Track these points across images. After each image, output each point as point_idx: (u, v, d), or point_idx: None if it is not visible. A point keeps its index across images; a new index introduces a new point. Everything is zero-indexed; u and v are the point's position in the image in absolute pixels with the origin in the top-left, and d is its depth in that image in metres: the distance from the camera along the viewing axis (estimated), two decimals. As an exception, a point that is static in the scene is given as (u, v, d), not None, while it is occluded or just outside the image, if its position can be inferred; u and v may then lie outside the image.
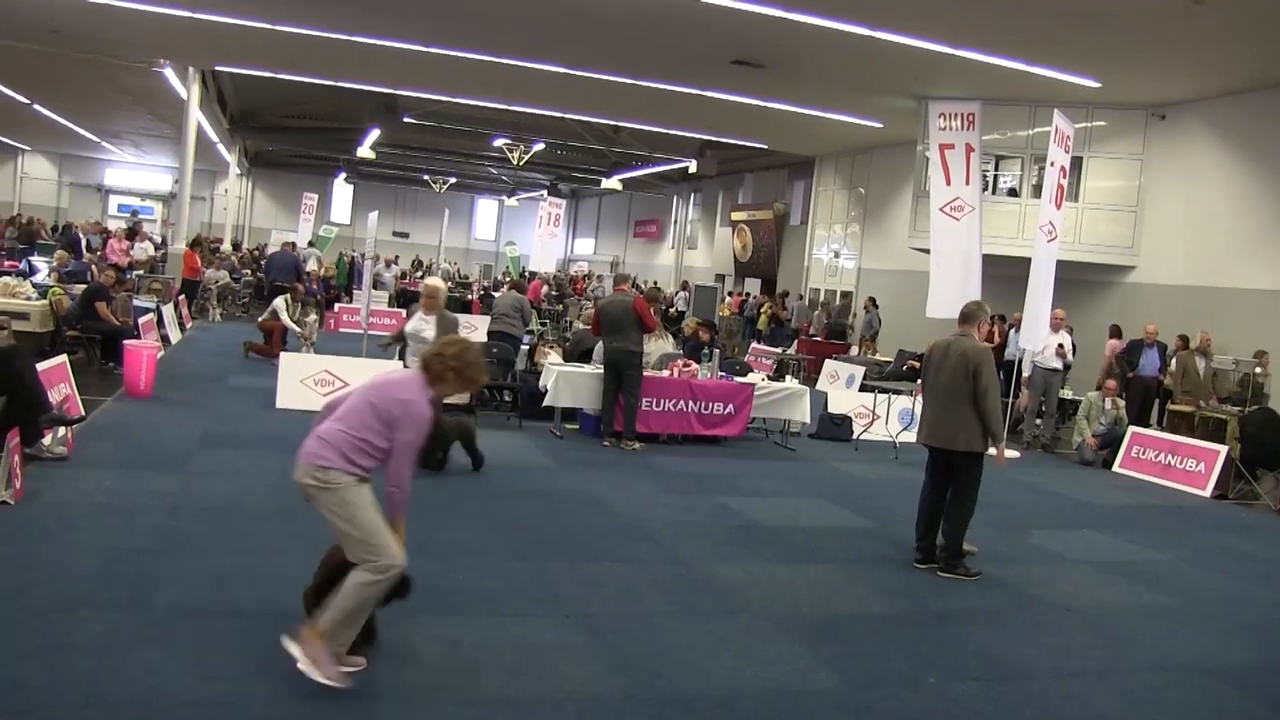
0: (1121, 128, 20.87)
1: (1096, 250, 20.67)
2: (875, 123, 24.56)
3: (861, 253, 29.71)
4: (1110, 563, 9.47)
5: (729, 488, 10.94)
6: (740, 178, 37.87)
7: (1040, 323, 15.58)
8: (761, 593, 7.33)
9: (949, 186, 17.04)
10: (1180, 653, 7.02)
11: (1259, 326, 17.58)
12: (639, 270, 44.00)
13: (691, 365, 13.79)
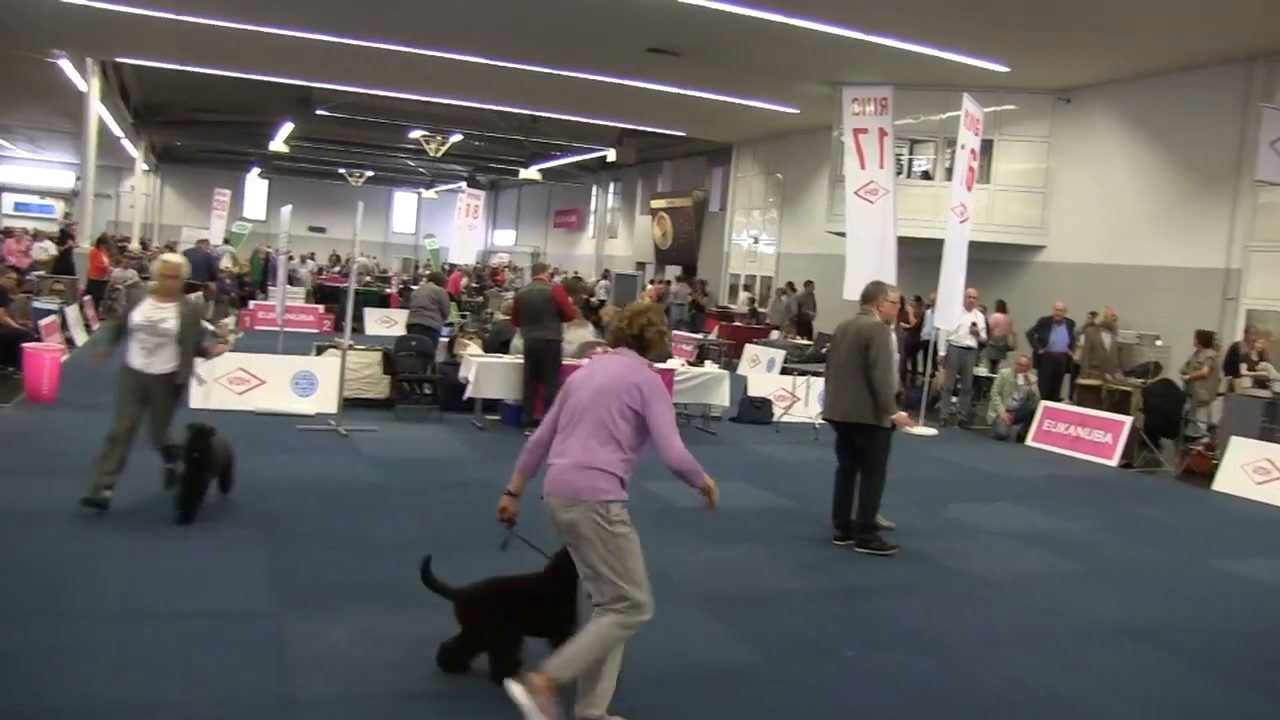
0: (1030, 111, 21.29)
1: (1008, 231, 21.08)
2: (792, 109, 24.76)
3: (780, 238, 29.96)
4: (1025, 533, 9.71)
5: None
6: (659, 166, 37.93)
7: (954, 302, 15.88)
8: (683, 574, 7.38)
9: (863, 170, 17.22)
10: (1093, 616, 7.24)
11: (1163, 302, 18.09)
12: (560, 260, 43.86)
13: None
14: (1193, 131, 18.38)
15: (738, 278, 31.79)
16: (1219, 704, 5.87)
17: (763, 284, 30.58)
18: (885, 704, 5.42)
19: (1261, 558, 9.58)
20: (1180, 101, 18.62)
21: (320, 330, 23.35)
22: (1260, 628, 7.41)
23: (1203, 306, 17.60)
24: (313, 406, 12.97)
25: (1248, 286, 17.57)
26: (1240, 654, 6.77)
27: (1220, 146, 17.77)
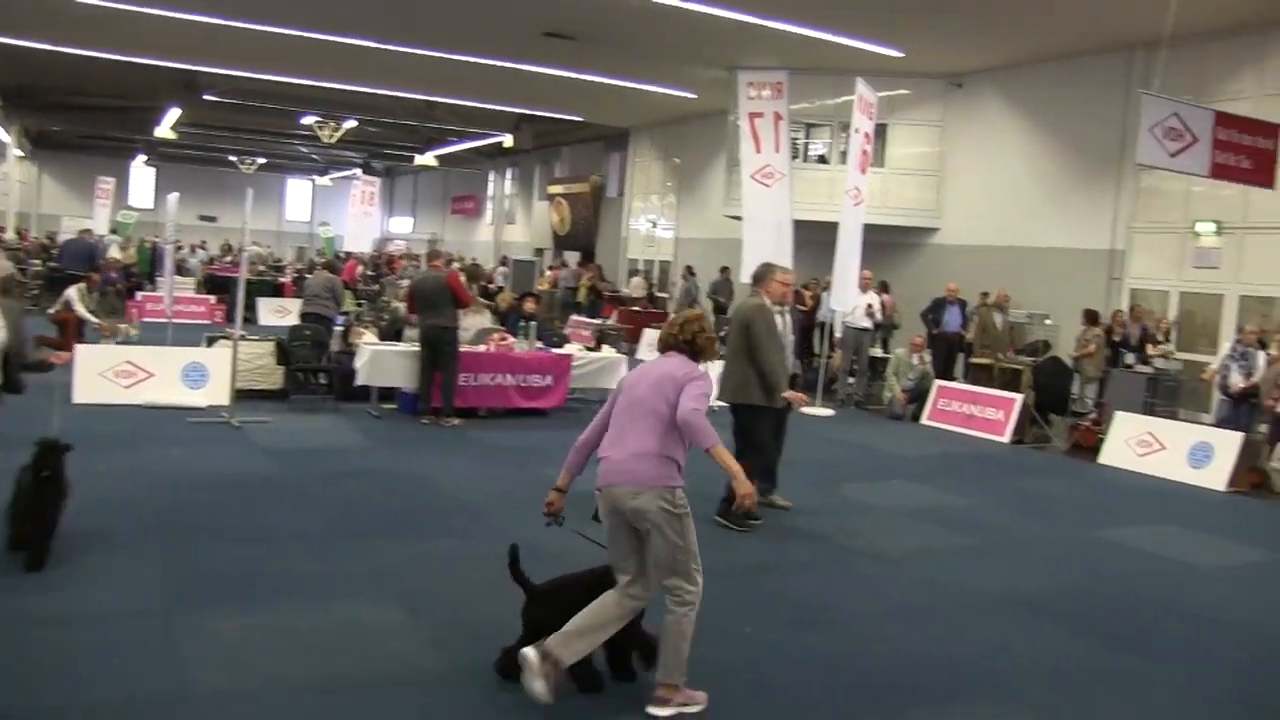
0: (923, 96, 21.63)
1: (902, 214, 21.40)
2: (688, 93, 24.81)
3: (678, 222, 30.05)
4: (919, 509, 9.88)
5: (550, 459, 10.88)
6: (557, 151, 37.78)
7: (849, 284, 16.09)
8: (584, 558, 7.36)
9: (759, 154, 17.35)
10: (983, 587, 7.41)
11: (1051, 282, 18.54)
12: (458, 247, 43.47)
13: (509, 339, 13.76)
14: (1079, 117, 18.85)
15: (636, 263, 31.83)
16: (1095, 665, 6.04)
17: (661, 268, 30.67)
18: (782, 678, 5.48)
19: (1141, 526, 9.90)
20: (1066, 88, 19.07)
21: (211, 321, 22.82)
22: (1137, 593, 7.65)
23: (1089, 286, 18.08)
24: (204, 399, 12.68)
25: (1131, 266, 18.09)
26: (1117, 618, 7.00)
27: (1104, 131, 18.25)
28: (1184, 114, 13.30)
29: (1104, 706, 5.46)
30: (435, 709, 4.85)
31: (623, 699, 5.04)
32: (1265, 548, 9.46)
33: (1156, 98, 13.25)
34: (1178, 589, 7.85)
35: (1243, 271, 16.56)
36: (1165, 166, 13.74)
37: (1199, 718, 5.43)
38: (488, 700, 4.96)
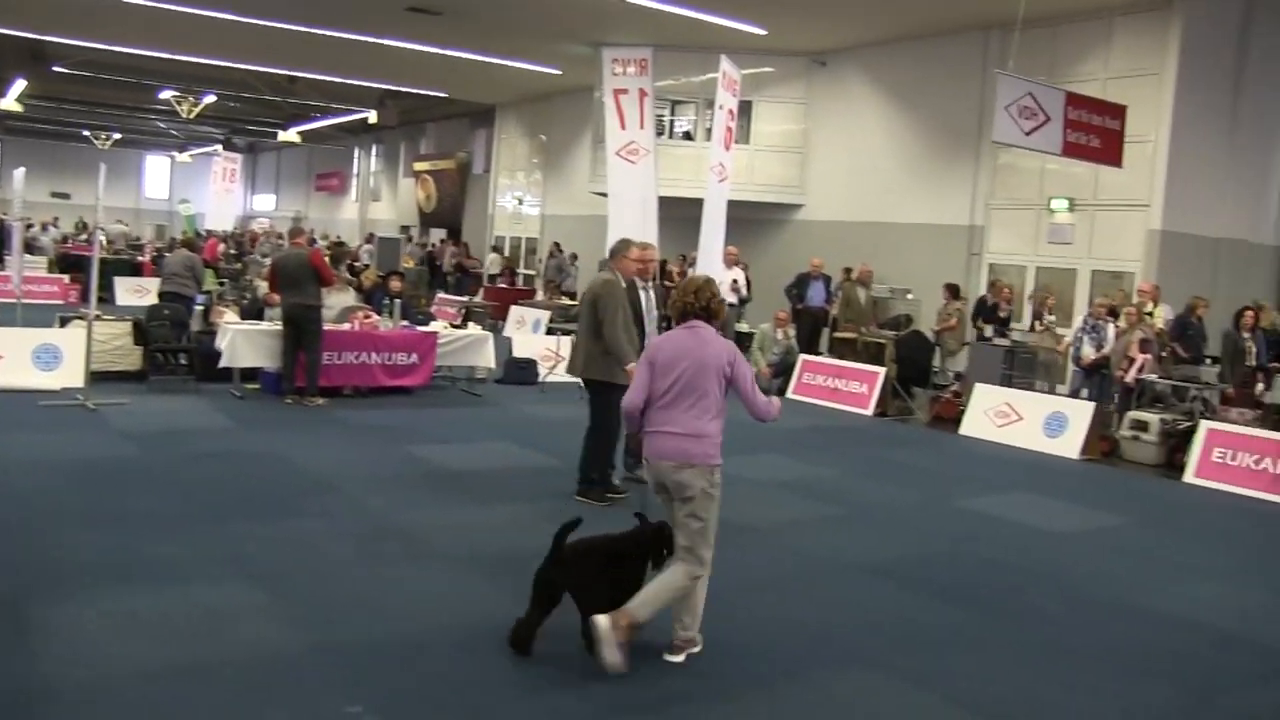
0: (787, 74, 21.82)
1: (767, 190, 21.62)
2: (554, 70, 24.66)
3: (545, 199, 29.90)
4: (785, 481, 9.96)
5: (416, 436, 10.80)
6: (422, 127, 37.28)
7: (714, 260, 16.13)
8: (449, 536, 7.29)
9: (624, 131, 17.26)
10: (847, 556, 7.49)
11: (913, 257, 18.90)
12: (323, 224, 42.62)
13: (373, 317, 13.49)
14: (938, 95, 19.23)
15: (503, 240, 31.59)
16: (953, 628, 6.17)
17: (528, 245, 30.50)
18: (651, 650, 5.44)
19: (998, 494, 10.13)
20: (926, 67, 19.44)
21: (65, 301, 21.93)
22: (994, 558, 7.84)
23: (950, 261, 18.51)
24: (57, 381, 12.13)
25: (990, 242, 18.55)
26: (974, 583, 7.16)
27: (963, 110, 18.66)
28: (1037, 94, 13.64)
29: (960, 666, 5.55)
30: (296, 689, 4.69)
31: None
32: (1114, 512, 9.77)
33: (1012, 77, 13.55)
34: (1032, 553, 8.05)
35: (1094, 247, 17.10)
36: (1020, 144, 14.09)
37: (1049, 673, 5.55)
38: (349, 678, 4.83)
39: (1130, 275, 16.40)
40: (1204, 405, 12.84)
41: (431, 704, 4.65)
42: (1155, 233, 16.23)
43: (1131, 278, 16.28)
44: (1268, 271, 17.85)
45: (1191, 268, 16.34)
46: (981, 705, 5.09)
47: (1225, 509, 10.43)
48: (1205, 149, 16.51)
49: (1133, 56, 16.56)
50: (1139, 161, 15.88)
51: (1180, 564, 8.16)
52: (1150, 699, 5.36)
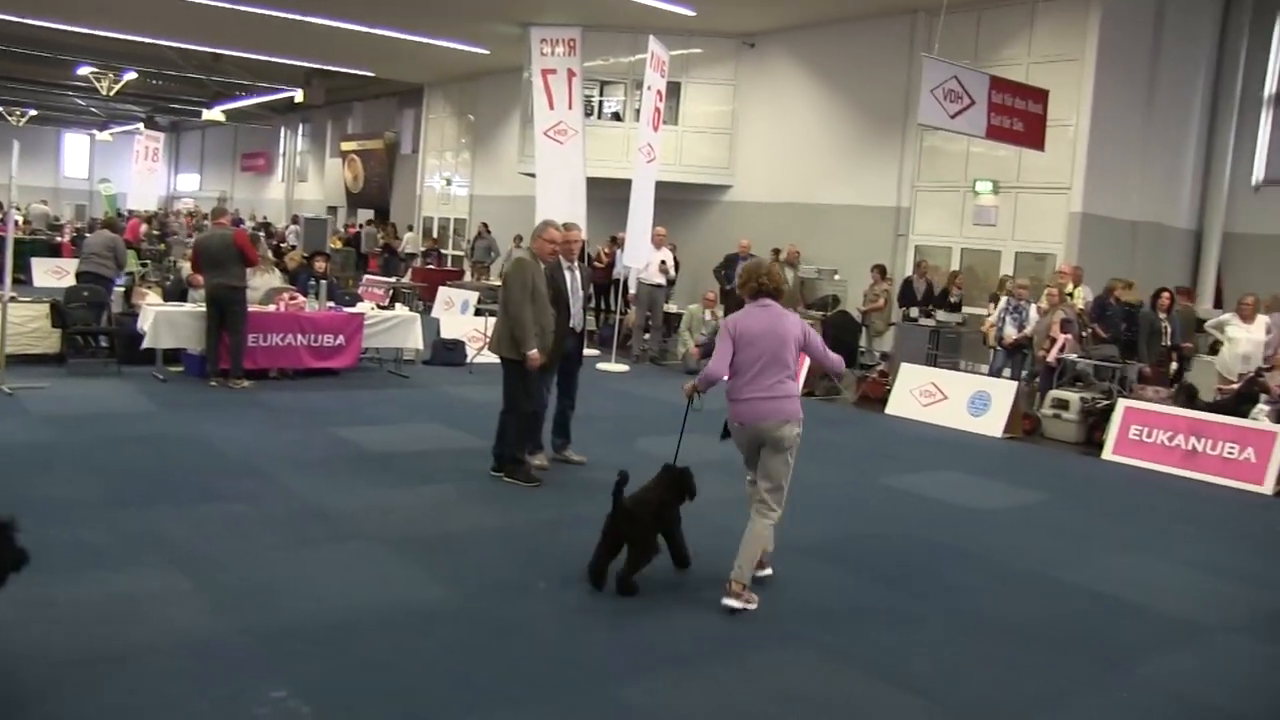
0: (716, 55, 21.84)
1: (696, 171, 21.66)
2: (482, 49, 24.48)
3: (473, 180, 29.72)
4: (712, 461, 9.89)
5: (342, 418, 10.70)
6: (349, 107, 36.82)
7: (642, 241, 16.16)
8: (375, 518, 7.23)
9: (552, 111, 17.21)
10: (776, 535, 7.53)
11: (841, 238, 19.05)
12: (249, 205, 42.04)
13: (299, 298, 13.33)
14: (866, 78, 19.37)
15: (431, 220, 31.36)
16: (877, 604, 6.28)
17: (456, 226, 30.32)
18: (574, 629, 5.46)
19: (923, 473, 10.28)
20: (854, 49, 19.57)
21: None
22: (916, 535, 7.97)
23: (877, 242, 18.68)
24: (-30, 366, 11.85)
25: (916, 223, 18.74)
26: (898, 559, 7.30)
27: (890, 92, 18.82)
28: (963, 77, 13.80)
29: (884, 642, 5.64)
30: (219, 675, 4.62)
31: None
32: (1035, 489, 9.96)
33: (937, 61, 13.69)
34: (955, 530, 8.19)
35: (1018, 229, 17.35)
36: (945, 127, 14.25)
37: (971, 646, 5.65)
38: (273, 663, 4.78)
39: (1053, 257, 16.67)
40: (1122, 383, 13.11)
41: (357, 686, 4.62)
42: (1076, 215, 16.52)
43: (1054, 259, 16.55)
44: (1182, 254, 18.26)
45: (1110, 250, 16.66)
46: (905, 679, 5.17)
47: (1140, 484, 10.67)
48: (1123, 134, 16.85)
49: (1054, 42, 16.81)
50: (1060, 145, 16.14)
51: (1096, 538, 8.35)
52: (1065, 669, 5.47)
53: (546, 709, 4.54)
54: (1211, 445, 11.20)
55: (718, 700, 4.77)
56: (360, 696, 4.52)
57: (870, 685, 5.08)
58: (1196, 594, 7.05)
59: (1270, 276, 16.26)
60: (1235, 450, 11.03)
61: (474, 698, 4.60)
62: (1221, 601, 6.93)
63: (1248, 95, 17.91)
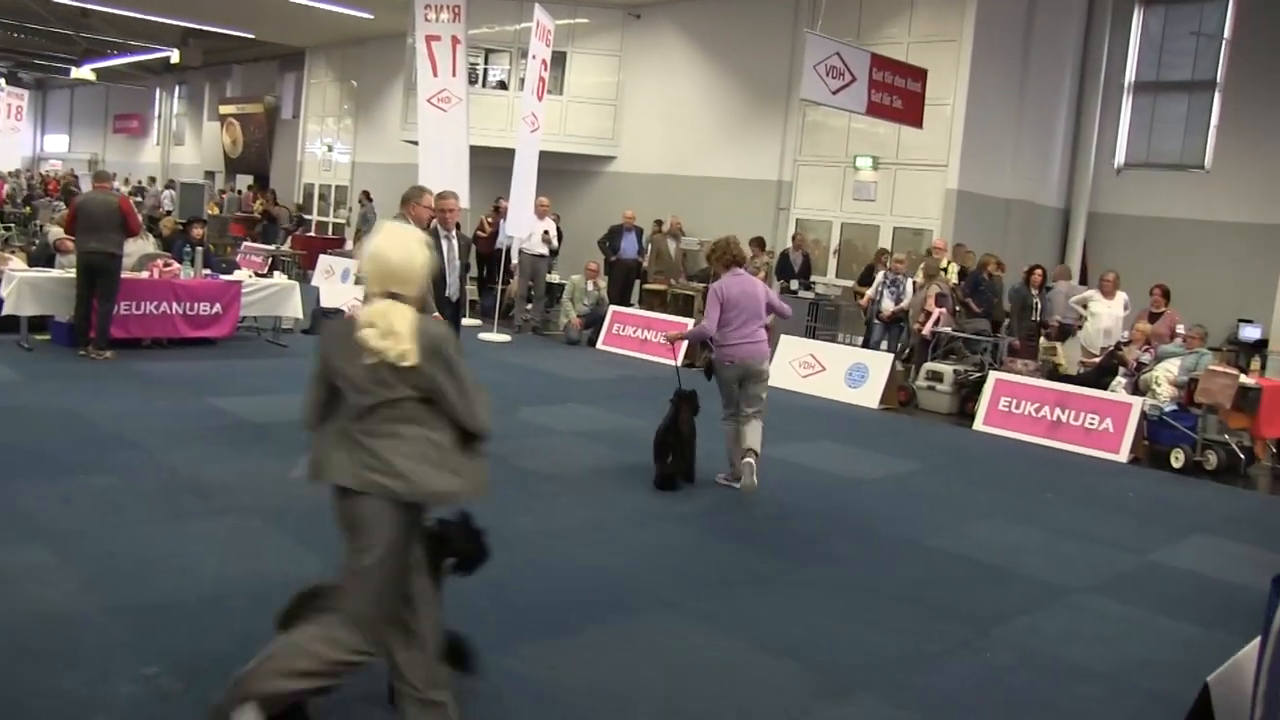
0: (602, 25, 21.80)
1: (581, 141, 21.64)
2: (366, 14, 24.01)
3: (356, 146, 29.26)
4: (592, 431, 10.08)
5: (219, 388, 10.49)
6: (228, 69, 35.88)
7: (525, 211, 16.11)
8: (251, 490, 7.12)
9: (436, 78, 16.98)
10: (651, 504, 7.66)
11: (723, 211, 19.21)
12: (122, 168, 40.63)
13: (173, 265, 12.99)
14: (750, 52, 19.54)
15: (313, 187, 30.82)
16: (752, 571, 6.39)
17: (338, 193, 29.85)
18: (452, 600, 5.43)
19: (801, 443, 10.46)
20: (739, 23, 19.71)
21: None
22: (794, 504, 8.13)
23: (759, 215, 18.89)
24: None
25: (798, 197, 19.00)
26: (774, 528, 7.45)
27: (773, 67, 19.01)
28: (845, 54, 14.00)
29: (761, 609, 5.76)
30: (87, 653, 4.51)
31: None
32: (909, 459, 10.24)
33: (820, 37, 13.86)
34: (832, 499, 8.38)
35: (896, 204, 17.70)
36: (827, 103, 14.47)
37: (846, 612, 5.81)
38: (144, 639, 4.70)
39: (930, 232, 17.05)
40: (993, 356, 13.50)
41: (231, 661, 4.50)
42: (952, 192, 16.91)
43: (931, 235, 16.94)
44: (1052, 232, 18.84)
45: (984, 226, 17.11)
46: (781, 646, 5.29)
47: (1008, 454, 11.04)
48: (997, 114, 17.28)
49: (933, 22, 17.13)
50: (938, 123, 16.49)
51: (966, 506, 8.62)
52: (935, 632, 5.67)
53: (423, 679, 4.54)
54: (1075, 416, 11.63)
55: (596, 669, 4.84)
56: (234, 670, 4.45)
57: (746, 651, 5.18)
58: (1058, 557, 7.35)
59: (1131, 254, 16.92)
60: (1096, 420, 11.48)
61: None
62: (1081, 564, 7.24)
63: (1111, 82, 18.53)
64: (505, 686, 4.60)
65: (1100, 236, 18.51)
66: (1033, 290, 14.37)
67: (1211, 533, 8.55)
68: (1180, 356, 11.68)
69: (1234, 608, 6.49)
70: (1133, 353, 12.34)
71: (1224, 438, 11.01)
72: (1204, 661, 5.15)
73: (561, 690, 4.60)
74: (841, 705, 4.72)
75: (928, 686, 4.98)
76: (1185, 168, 17.86)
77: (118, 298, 11.79)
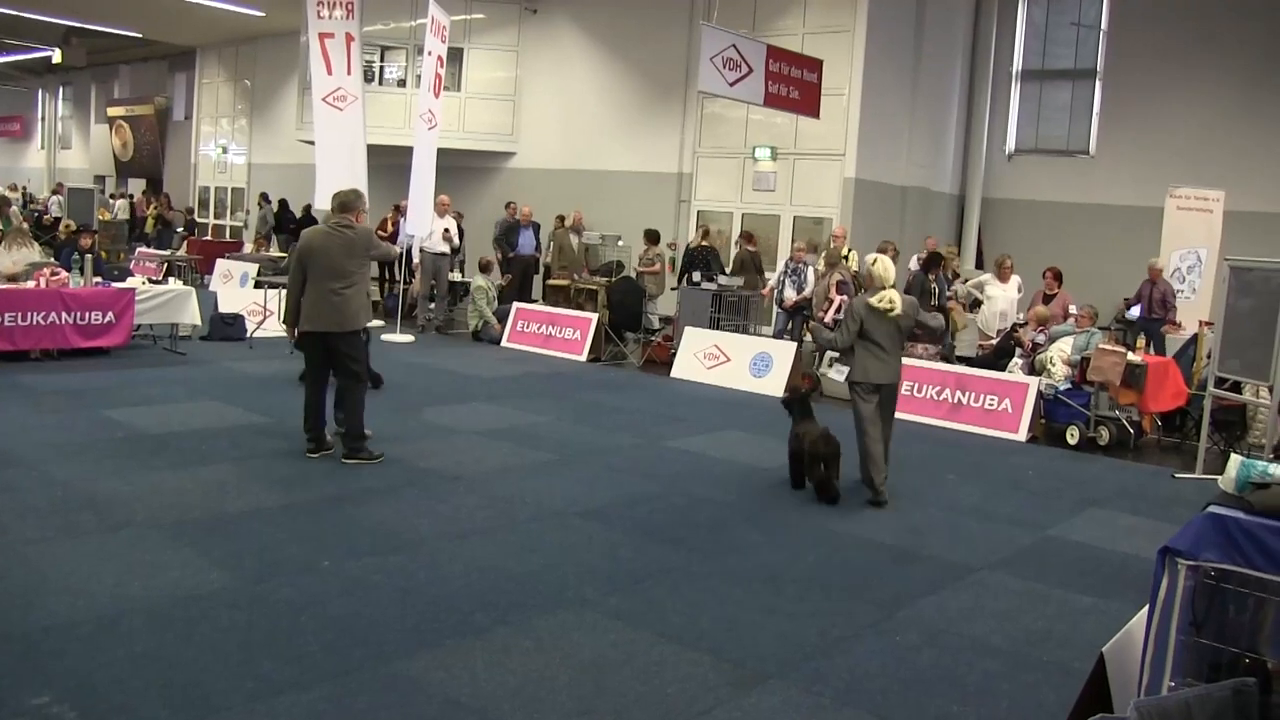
0: (498, 21, 21.71)
1: (480, 138, 21.54)
2: (256, 11, 23.61)
3: (251, 147, 28.76)
4: (496, 429, 10.03)
5: (112, 399, 10.22)
6: (115, 69, 35.01)
7: (425, 209, 15.97)
8: (148, 503, 6.94)
9: (330, 76, 16.70)
10: (556, 502, 7.64)
11: (624, 204, 19.25)
12: (5, 174, 39.53)
13: (61, 273, 12.64)
14: (648, 45, 19.60)
15: (208, 190, 30.22)
16: (660, 565, 6.42)
17: (234, 195, 29.32)
18: (359, 606, 5.41)
19: (706, 434, 10.53)
20: (635, 16, 19.77)
21: None
22: (701, 496, 8.17)
23: (660, 208, 18.96)
24: None
25: (699, 189, 19.10)
26: (681, 520, 7.46)
27: (671, 60, 19.09)
28: (741, 46, 14.10)
29: (669, 601, 5.78)
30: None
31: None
32: (813, 446, 10.34)
33: (716, 30, 13.96)
34: (738, 489, 8.45)
35: (795, 194, 17.88)
36: (725, 94, 14.56)
37: (754, 600, 5.86)
38: (33, 666, 4.53)
39: (830, 221, 17.25)
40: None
41: (128, 683, 4.41)
42: (850, 180, 17.13)
43: (831, 223, 17.13)
44: (947, 218, 19.18)
45: (882, 213, 17.37)
46: (692, 637, 5.32)
47: (912, 437, 11.16)
48: (891, 103, 17.56)
49: (827, 13, 17.33)
50: (835, 113, 16.69)
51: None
52: (844, 616, 5.74)
53: (330, 689, 4.49)
54: (974, 398, 11.86)
55: (506, 669, 4.81)
56: (132, 693, 4.33)
57: (658, 645, 5.20)
58: (962, 537, 7.50)
59: (1023, 238, 17.33)
60: (995, 402, 11.72)
61: (254, 684, 4.48)
62: (982, 542, 7.39)
63: (1000, 71, 18.96)
64: (413, 690, 4.55)
65: (994, 221, 18.90)
66: (929, 275, 14.61)
67: (1105, 506, 8.79)
68: (1072, 336, 11.98)
69: (1127, 578, 6.68)
70: (1028, 334, 12.62)
71: (1115, 414, 11.30)
72: (1100, 632, 5.31)
73: (471, 692, 4.57)
74: (754, 694, 4.75)
75: (838, 670, 5.05)
76: (1072, 153, 18.34)
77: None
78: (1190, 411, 12.00)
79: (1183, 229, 15.43)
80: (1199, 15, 16.86)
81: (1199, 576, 3.75)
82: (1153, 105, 17.23)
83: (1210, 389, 10.44)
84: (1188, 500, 8.91)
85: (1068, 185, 18.12)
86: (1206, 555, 3.72)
